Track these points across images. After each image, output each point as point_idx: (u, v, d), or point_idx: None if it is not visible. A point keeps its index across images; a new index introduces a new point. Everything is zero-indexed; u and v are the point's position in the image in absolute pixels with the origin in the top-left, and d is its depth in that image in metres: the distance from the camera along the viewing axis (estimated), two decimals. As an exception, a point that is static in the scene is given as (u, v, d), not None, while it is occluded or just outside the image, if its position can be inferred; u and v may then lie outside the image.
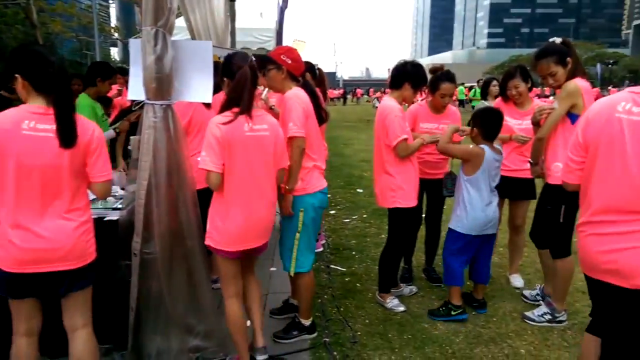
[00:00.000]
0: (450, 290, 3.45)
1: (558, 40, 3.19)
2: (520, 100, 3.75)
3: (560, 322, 3.29)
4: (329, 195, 8.38)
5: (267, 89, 3.37)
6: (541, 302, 3.53)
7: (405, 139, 3.31)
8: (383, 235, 4.94)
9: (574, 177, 2.06)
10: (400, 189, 3.40)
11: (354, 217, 6.21)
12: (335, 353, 2.96)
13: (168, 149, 2.50)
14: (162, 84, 2.47)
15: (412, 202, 3.46)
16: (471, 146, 3.34)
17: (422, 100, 4.13)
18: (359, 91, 51.40)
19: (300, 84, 3.06)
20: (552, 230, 3.30)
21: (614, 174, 1.83)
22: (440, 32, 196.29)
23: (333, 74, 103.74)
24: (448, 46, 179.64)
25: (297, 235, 2.94)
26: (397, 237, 3.58)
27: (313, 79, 4.39)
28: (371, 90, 56.07)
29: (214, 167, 2.38)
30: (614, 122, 1.84)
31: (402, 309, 3.54)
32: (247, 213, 2.48)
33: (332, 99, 45.14)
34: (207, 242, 2.54)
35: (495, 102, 3.98)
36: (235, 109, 2.44)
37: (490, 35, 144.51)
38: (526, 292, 3.76)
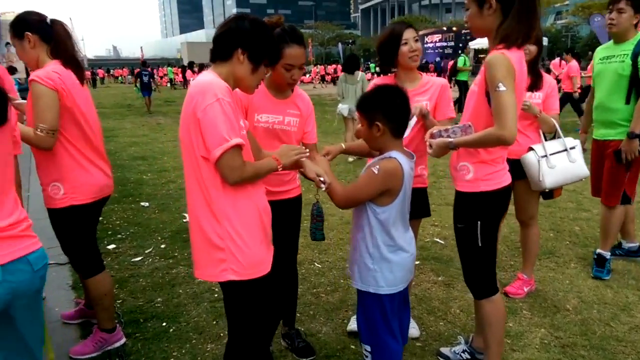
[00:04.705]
0: None
1: None
2: (414, 64, 2.57)
3: (506, 393, 2.33)
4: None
5: None
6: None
7: (238, 146, 1.71)
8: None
9: None
10: (233, 244, 1.76)
11: (147, 251, 4.31)
12: None
13: None
14: None
15: (259, 269, 1.84)
16: (376, 169, 1.95)
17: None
18: (100, 72, 45.95)
19: None
20: (469, 259, 2.29)
21: None
22: (190, 10, 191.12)
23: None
24: (200, 25, 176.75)
25: None
26: (246, 328, 1.93)
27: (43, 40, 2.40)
28: (123, 70, 50.98)
29: None
30: None
31: None
32: None
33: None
34: None
35: (377, 81, 2.72)
36: None
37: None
38: (445, 350, 2.67)
